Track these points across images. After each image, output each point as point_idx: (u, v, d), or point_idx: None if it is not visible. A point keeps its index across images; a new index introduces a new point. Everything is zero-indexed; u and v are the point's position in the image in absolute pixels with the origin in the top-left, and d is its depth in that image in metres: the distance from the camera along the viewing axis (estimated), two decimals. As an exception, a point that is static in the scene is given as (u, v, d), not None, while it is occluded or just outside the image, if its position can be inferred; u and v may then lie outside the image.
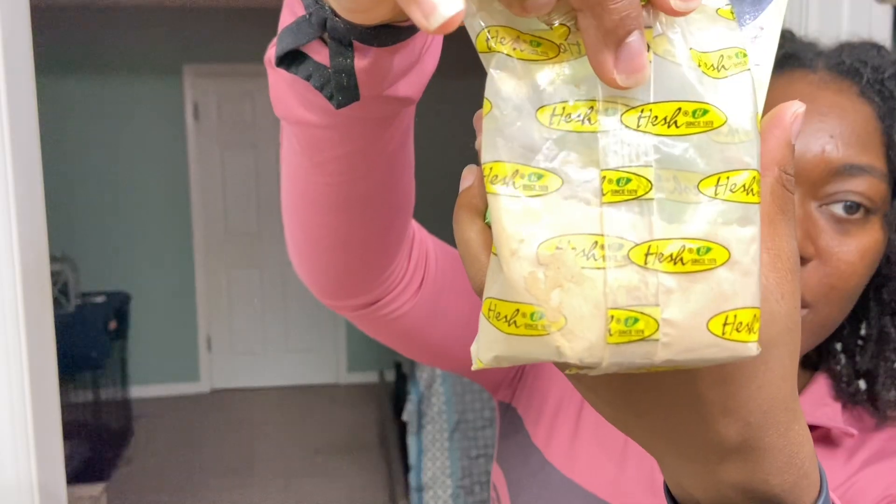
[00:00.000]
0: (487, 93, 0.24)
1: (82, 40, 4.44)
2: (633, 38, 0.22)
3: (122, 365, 4.34)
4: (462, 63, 1.71)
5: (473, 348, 0.26)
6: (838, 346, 0.67)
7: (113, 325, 3.98)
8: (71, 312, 3.77)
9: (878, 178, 0.56)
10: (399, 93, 0.42)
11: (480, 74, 0.26)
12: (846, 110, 0.57)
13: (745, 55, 0.25)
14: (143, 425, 4.35)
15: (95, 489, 2.69)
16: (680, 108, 0.23)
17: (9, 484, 1.02)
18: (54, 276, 3.74)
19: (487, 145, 0.24)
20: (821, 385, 0.64)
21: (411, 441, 2.82)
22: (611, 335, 0.23)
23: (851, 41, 0.65)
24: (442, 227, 0.65)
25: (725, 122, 0.24)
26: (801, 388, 0.65)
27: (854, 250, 0.56)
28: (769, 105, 0.31)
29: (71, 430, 3.53)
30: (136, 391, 4.67)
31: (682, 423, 0.30)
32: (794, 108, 0.29)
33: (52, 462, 1.09)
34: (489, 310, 0.24)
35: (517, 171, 0.24)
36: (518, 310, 0.23)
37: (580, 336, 0.23)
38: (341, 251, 0.54)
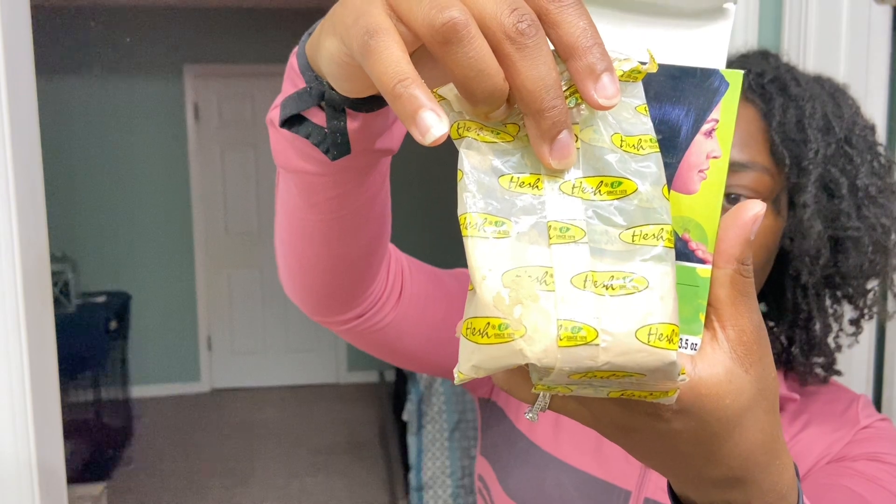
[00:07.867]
0: (460, 165, 0.32)
1: (82, 41, 4.44)
2: (563, 136, 0.31)
3: (122, 365, 4.34)
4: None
5: (455, 368, 0.32)
6: (771, 322, 0.76)
7: (113, 325, 3.98)
8: (71, 312, 3.78)
9: (761, 171, 0.65)
10: (383, 146, 0.52)
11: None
12: None
13: (654, 140, 0.33)
14: (143, 425, 4.35)
15: (95, 489, 2.69)
16: (602, 181, 0.32)
17: (9, 483, 1.02)
18: (55, 276, 3.75)
19: (461, 202, 0.31)
20: None
21: (411, 441, 2.82)
22: (561, 340, 0.29)
23: (747, 52, 0.74)
24: (409, 243, 0.63)
25: (637, 189, 0.32)
26: None
27: None
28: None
29: (71, 430, 3.53)
30: (136, 391, 4.67)
31: (672, 465, 0.37)
32: (755, 211, 0.35)
33: (53, 462, 1.09)
34: (466, 328, 0.30)
35: (485, 219, 0.31)
36: (489, 323, 0.30)
37: (538, 341, 0.29)
38: (331, 275, 0.62)
